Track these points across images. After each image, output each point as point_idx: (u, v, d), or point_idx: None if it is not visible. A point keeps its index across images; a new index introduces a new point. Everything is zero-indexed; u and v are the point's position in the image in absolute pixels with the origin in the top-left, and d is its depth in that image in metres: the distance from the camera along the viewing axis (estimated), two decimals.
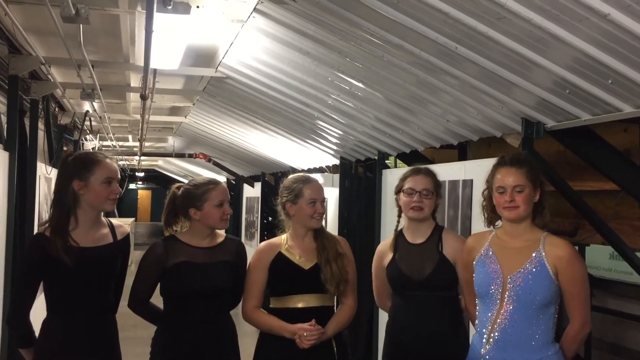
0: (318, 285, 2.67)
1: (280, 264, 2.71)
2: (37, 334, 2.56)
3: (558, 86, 2.60)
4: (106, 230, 2.61)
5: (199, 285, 2.63)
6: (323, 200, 2.76)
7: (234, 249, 2.77)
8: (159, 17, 2.87)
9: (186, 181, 2.88)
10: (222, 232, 2.83)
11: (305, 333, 2.56)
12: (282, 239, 2.79)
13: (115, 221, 2.70)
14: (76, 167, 2.53)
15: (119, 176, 2.61)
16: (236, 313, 2.75)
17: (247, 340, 2.95)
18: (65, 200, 2.50)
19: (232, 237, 2.89)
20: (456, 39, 2.58)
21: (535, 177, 2.40)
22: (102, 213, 2.63)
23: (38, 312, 2.59)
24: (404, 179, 2.85)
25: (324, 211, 2.76)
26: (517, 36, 2.37)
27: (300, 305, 2.66)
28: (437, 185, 2.83)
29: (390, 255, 2.87)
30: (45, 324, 2.54)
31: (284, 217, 2.80)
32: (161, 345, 2.67)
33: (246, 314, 2.73)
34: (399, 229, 2.90)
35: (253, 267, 2.75)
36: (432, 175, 2.85)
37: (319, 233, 2.77)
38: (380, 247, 3.00)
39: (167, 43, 3.56)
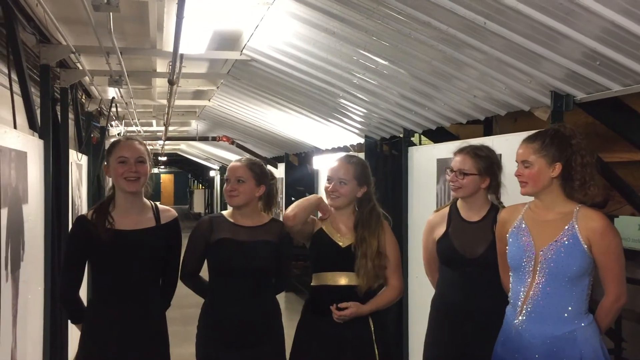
0: (355, 264, 2.70)
1: (319, 238, 2.77)
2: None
3: (588, 57, 2.59)
4: (150, 214, 2.67)
5: (238, 262, 2.69)
6: (340, 180, 2.75)
7: (278, 231, 2.79)
8: (188, 3, 2.91)
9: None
10: (266, 214, 2.88)
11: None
12: None
13: (162, 206, 2.75)
14: (106, 154, 2.70)
15: (140, 156, 2.60)
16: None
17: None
18: (104, 186, 2.64)
19: (277, 220, 2.91)
20: (484, 14, 2.58)
21: (552, 152, 2.36)
22: (142, 196, 2.68)
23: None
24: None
25: (335, 190, 2.75)
26: (546, 9, 2.37)
27: (341, 282, 2.70)
28: (479, 164, 2.76)
29: (442, 229, 2.86)
30: (88, 308, 2.64)
31: None
32: (205, 319, 2.75)
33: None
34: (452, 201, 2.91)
35: None
36: (472, 154, 2.78)
37: (360, 219, 2.75)
38: (432, 218, 2.99)
39: (195, 28, 3.60)
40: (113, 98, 7.05)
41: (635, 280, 5.06)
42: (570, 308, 2.35)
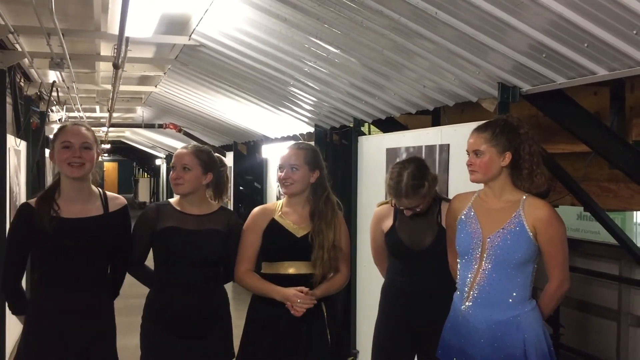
0: (309, 254, 2.68)
1: (273, 230, 2.72)
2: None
3: (535, 50, 2.65)
4: (97, 202, 2.58)
5: (184, 250, 2.64)
6: (291, 166, 2.73)
7: (227, 220, 2.76)
8: None
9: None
10: (215, 202, 2.83)
11: (299, 300, 2.57)
12: (277, 204, 2.80)
13: (110, 193, 2.66)
14: (52, 139, 2.61)
15: (85, 142, 2.50)
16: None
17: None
18: (44, 173, 2.53)
19: (226, 208, 2.88)
20: (436, 4, 2.60)
21: (502, 141, 2.41)
22: (90, 183, 2.59)
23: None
24: None
25: (288, 176, 2.72)
26: (496, 0, 2.40)
27: (290, 271, 2.68)
28: (426, 190, 2.82)
29: (389, 222, 2.92)
30: (31, 298, 2.53)
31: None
32: (151, 309, 2.70)
33: (238, 276, 2.75)
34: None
35: (246, 231, 2.76)
36: (412, 191, 2.80)
37: (317, 209, 2.73)
38: (379, 210, 3.04)
39: (143, 10, 3.49)
40: (54, 82, 6.78)
41: (573, 268, 5.25)
42: (514, 294, 2.41)
